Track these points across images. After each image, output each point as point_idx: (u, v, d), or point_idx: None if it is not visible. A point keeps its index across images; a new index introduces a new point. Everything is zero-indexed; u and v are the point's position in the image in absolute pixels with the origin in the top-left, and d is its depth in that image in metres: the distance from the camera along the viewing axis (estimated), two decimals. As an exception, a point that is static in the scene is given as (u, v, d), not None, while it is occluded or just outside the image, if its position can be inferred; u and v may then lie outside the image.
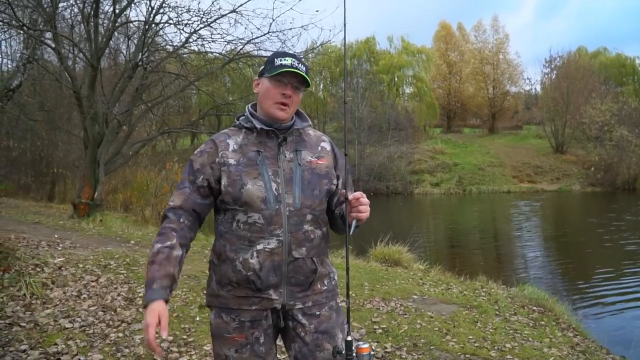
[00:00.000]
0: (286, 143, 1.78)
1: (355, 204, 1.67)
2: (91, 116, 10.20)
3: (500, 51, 46.58)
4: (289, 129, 1.80)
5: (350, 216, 1.69)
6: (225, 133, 1.84)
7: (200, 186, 1.75)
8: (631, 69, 46.93)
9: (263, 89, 1.78)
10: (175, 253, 1.67)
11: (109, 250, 6.27)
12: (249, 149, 1.76)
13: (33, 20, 10.96)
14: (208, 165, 1.75)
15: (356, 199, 1.66)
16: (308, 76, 1.76)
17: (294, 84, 1.75)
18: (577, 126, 35.18)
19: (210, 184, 1.75)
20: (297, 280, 1.74)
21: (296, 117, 1.86)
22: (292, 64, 1.73)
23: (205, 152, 1.78)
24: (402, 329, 4.41)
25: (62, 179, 17.04)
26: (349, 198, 1.67)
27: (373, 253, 8.36)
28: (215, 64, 11.14)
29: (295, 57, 1.77)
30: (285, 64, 1.72)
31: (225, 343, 1.75)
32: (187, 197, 1.75)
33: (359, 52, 41.06)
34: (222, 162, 1.74)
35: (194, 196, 1.75)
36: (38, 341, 3.42)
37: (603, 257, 11.29)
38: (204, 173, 1.75)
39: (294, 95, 1.76)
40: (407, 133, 35.95)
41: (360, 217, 1.67)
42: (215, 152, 1.76)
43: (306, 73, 1.75)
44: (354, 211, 1.67)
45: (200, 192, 1.75)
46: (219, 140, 1.79)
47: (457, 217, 22.45)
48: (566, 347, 4.45)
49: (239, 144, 1.77)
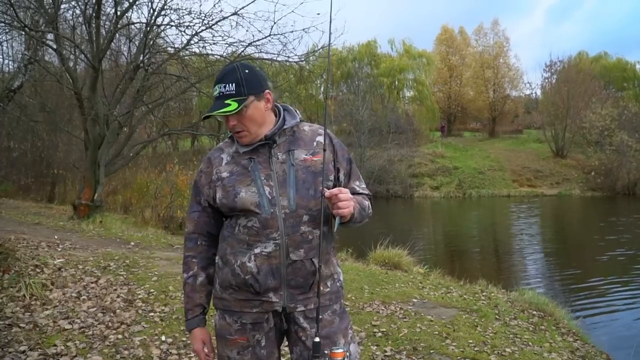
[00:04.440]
0: (277, 145, 1.76)
1: (333, 200, 1.63)
2: (92, 117, 10.19)
3: (500, 55, 46.65)
4: (278, 131, 1.77)
5: (332, 213, 1.67)
6: (219, 148, 1.86)
7: (205, 207, 1.83)
8: (632, 73, 46.97)
9: None
10: (199, 280, 1.84)
11: (109, 251, 6.26)
12: (241, 157, 1.76)
13: (35, 21, 10.97)
14: (206, 186, 1.81)
15: (334, 195, 1.62)
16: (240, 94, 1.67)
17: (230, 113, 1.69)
18: (577, 130, 35.18)
19: (210, 204, 1.82)
20: (296, 283, 1.72)
21: (286, 114, 1.82)
22: (219, 92, 1.69)
23: (203, 173, 1.84)
24: (402, 332, 4.41)
25: (63, 180, 17.00)
26: (325, 195, 1.63)
27: (373, 256, 8.35)
28: (216, 66, 11.13)
29: (221, 81, 1.70)
30: (214, 96, 1.72)
31: (228, 345, 1.77)
32: (197, 222, 1.85)
33: (360, 55, 41.04)
34: (216, 179, 1.77)
35: (203, 219, 1.84)
36: (37, 342, 3.41)
37: (603, 262, 11.28)
38: (203, 194, 1.83)
39: (239, 119, 1.70)
40: (408, 136, 35.92)
41: (340, 213, 1.63)
42: (211, 171, 1.80)
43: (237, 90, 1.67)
44: (334, 208, 1.64)
45: (207, 212, 1.83)
46: (214, 156, 1.83)
47: (457, 220, 22.44)
48: (566, 352, 4.44)
49: (231, 155, 1.79)
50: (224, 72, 1.74)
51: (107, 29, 10.70)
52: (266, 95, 1.75)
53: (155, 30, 10.66)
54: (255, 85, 1.72)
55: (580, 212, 24.68)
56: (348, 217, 1.67)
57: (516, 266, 11.59)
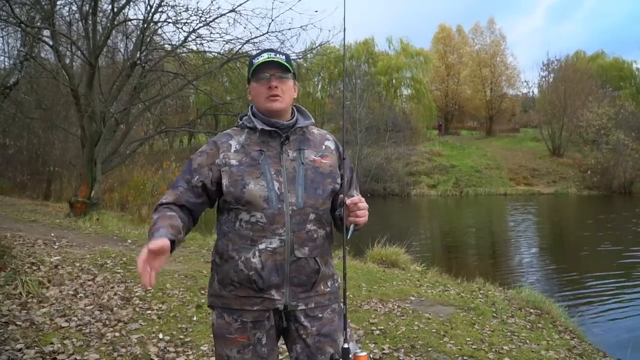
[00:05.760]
0: (289, 142, 1.77)
1: (353, 208, 1.65)
2: (89, 114, 10.16)
3: (498, 54, 46.69)
4: (292, 127, 1.78)
5: (347, 220, 1.67)
6: (227, 134, 1.83)
7: (195, 186, 1.75)
8: (629, 72, 47.09)
9: (253, 91, 1.79)
10: (176, 220, 1.66)
11: (106, 249, 6.24)
12: (251, 148, 1.75)
13: (31, 17, 10.92)
14: (206, 167, 1.75)
15: (354, 203, 1.65)
16: (289, 62, 1.76)
17: (277, 74, 1.75)
18: (574, 129, 35.23)
19: (205, 185, 1.75)
20: (299, 281, 1.72)
21: (298, 115, 1.84)
22: (269, 56, 1.74)
23: (205, 153, 1.78)
24: (399, 330, 4.41)
25: (59, 178, 16.97)
26: (346, 202, 1.65)
27: (370, 254, 8.34)
28: (213, 63, 11.11)
29: (272, 50, 1.78)
30: (261, 59, 1.75)
31: (227, 344, 1.74)
32: (179, 195, 1.76)
33: (358, 53, 41.00)
34: (222, 163, 1.73)
35: (187, 195, 1.75)
36: (34, 340, 3.39)
37: (599, 260, 11.31)
38: (200, 174, 1.75)
39: (280, 84, 1.74)
40: (405, 135, 35.94)
41: (358, 221, 1.67)
42: (216, 153, 1.76)
43: (287, 60, 1.76)
44: (351, 215, 1.66)
45: (194, 192, 1.76)
46: (221, 141, 1.79)
47: (454, 219, 22.47)
48: (563, 349, 4.45)
49: (241, 144, 1.77)
50: (271, 49, 1.83)
51: (103, 25, 10.66)
52: (296, 85, 1.84)
53: (152, 27, 10.62)
54: (294, 70, 1.81)
55: (576, 210, 24.74)
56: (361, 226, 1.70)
57: (513, 264, 11.61)
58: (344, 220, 1.69)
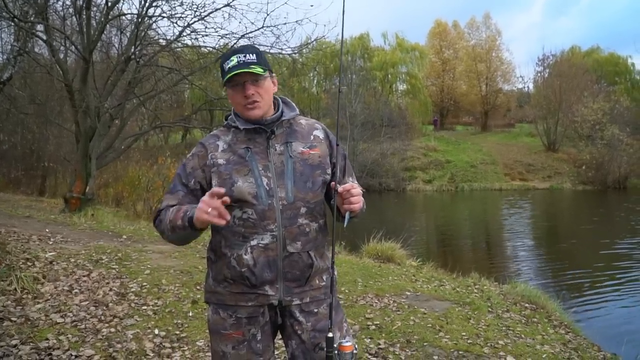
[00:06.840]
0: (275, 136, 1.75)
1: (346, 195, 1.62)
2: (83, 110, 10.09)
3: (493, 49, 46.73)
4: (277, 121, 1.76)
5: (342, 208, 1.65)
6: (214, 135, 1.82)
7: (194, 189, 1.75)
8: (624, 67, 47.23)
9: (230, 97, 1.75)
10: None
11: (101, 244, 6.22)
12: (238, 146, 1.74)
13: (24, 12, 10.81)
14: (199, 169, 1.75)
15: (346, 190, 1.62)
16: (261, 61, 1.70)
17: (251, 79, 1.69)
18: (569, 124, 35.39)
19: (202, 187, 1.74)
20: (293, 276, 1.71)
21: (284, 107, 1.82)
22: (238, 61, 1.67)
23: (195, 155, 1.78)
24: (395, 325, 4.41)
25: (53, 173, 16.86)
26: (338, 190, 1.63)
27: (366, 249, 8.36)
28: (208, 58, 11.07)
29: (241, 51, 1.71)
30: (231, 66, 1.67)
31: (223, 340, 1.74)
32: (181, 199, 1.74)
33: (353, 48, 40.91)
34: (211, 164, 1.72)
35: (188, 198, 1.74)
36: (29, 336, 3.38)
37: (594, 255, 11.38)
38: (196, 176, 1.75)
39: (257, 89, 1.70)
40: (400, 130, 35.95)
41: (352, 208, 1.63)
42: (205, 155, 1.75)
43: (259, 61, 1.69)
44: (345, 203, 1.63)
45: (194, 194, 1.74)
46: (208, 142, 1.78)
47: (449, 214, 22.54)
48: (558, 344, 4.47)
49: (228, 143, 1.76)
50: (239, 47, 1.76)
51: (97, 20, 10.59)
52: (274, 78, 1.78)
53: (146, 21, 10.57)
54: (269, 65, 1.75)
55: (571, 205, 24.86)
56: (357, 213, 1.67)
57: (508, 259, 11.66)
58: (335, 209, 1.68)
